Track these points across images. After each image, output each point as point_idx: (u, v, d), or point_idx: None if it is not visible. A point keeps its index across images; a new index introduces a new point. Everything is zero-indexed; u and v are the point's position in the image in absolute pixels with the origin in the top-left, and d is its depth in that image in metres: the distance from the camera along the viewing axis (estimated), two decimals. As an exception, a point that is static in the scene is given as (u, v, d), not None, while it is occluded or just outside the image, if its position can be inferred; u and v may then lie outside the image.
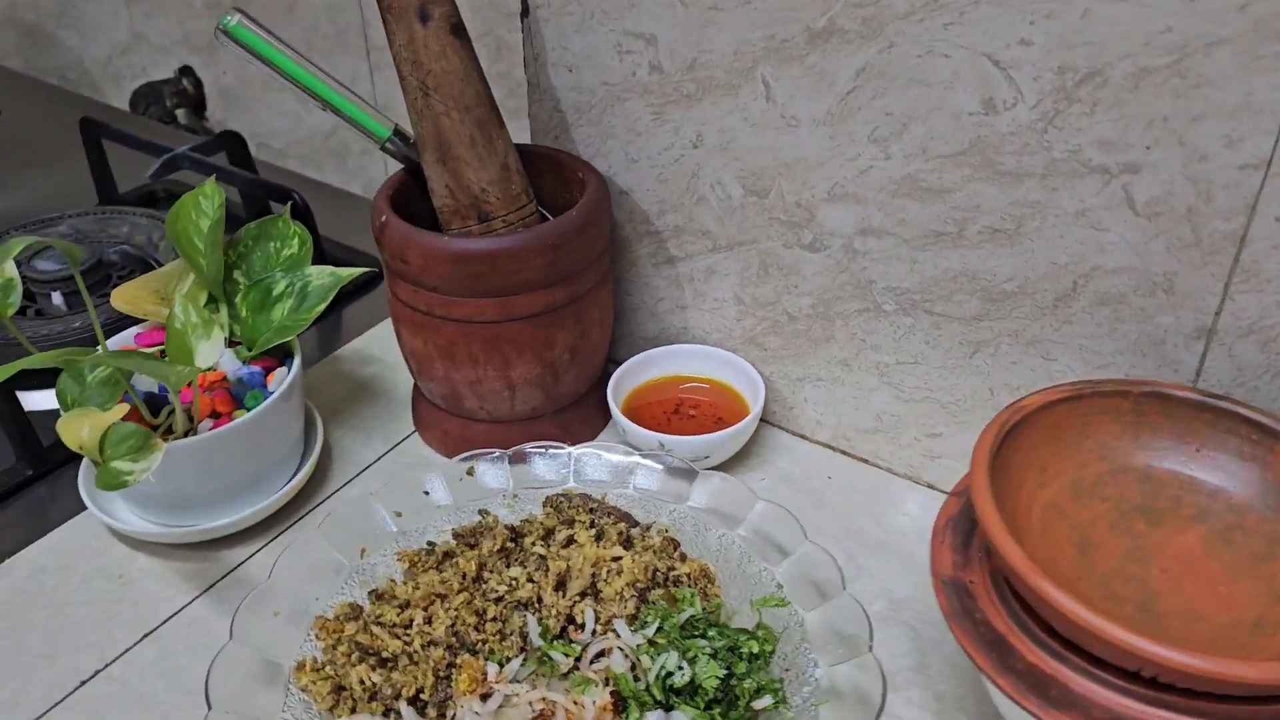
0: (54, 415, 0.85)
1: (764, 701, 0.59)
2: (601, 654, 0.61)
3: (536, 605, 0.62)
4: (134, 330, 0.77)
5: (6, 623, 0.69)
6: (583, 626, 0.62)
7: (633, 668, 0.60)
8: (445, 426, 0.79)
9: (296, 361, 0.73)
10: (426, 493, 0.70)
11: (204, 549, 0.73)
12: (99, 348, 0.70)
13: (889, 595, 0.68)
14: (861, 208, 0.69)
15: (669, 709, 0.59)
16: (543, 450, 0.72)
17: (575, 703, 0.58)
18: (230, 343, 0.74)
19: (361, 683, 0.59)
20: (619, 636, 0.61)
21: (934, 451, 0.74)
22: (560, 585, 0.63)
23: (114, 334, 0.86)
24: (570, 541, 0.66)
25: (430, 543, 0.68)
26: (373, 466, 0.79)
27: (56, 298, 0.92)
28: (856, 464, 0.78)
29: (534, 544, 0.65)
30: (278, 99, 1.26)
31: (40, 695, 0.64)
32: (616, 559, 0.64)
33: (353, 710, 0.59)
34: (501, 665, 0.60)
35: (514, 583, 0.63)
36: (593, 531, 0.66)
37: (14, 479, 0.80)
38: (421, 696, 0.59)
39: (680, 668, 0.59)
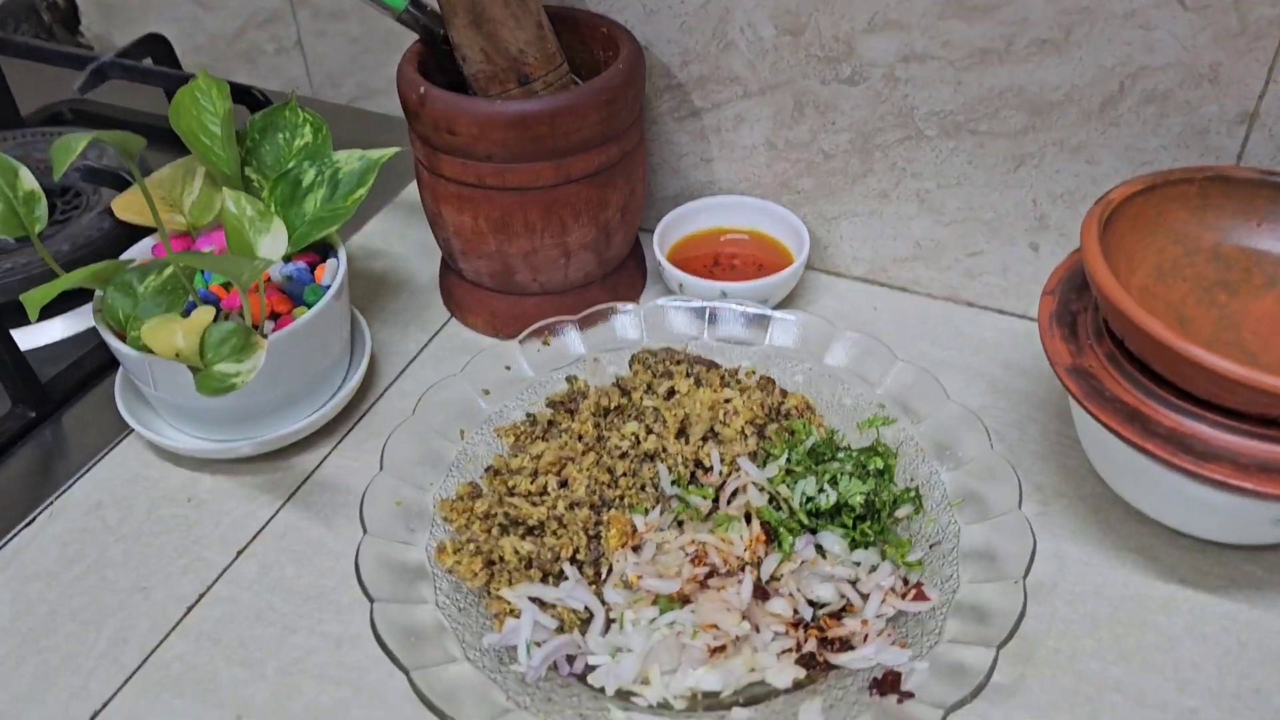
0: (45, 351, 0.79)
1: (904, 511, 0.61)
2: (736, 492, 0.62)
3: (663, 455, 0.63)
4: (150, 241, 0.71)
5: (82, 564, 0.64)
6: (710, 469, 0.63)
7: (770, 499, 0.61)
8: (492, 306, 0.76)
9: (342, 252, 0.70)
10: (508, 368, 0.69)
11: (269, 460, 0.70)
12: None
13: (965, 406, 0.72)
14: (904, 34, 0.70)
15: (813, 532, 0.61)
16: (616, 311, 0.71)
17: (724, 540, 0.60)
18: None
19: (516, 552, 0.58)
20: (747, 474, 0.62)
21: (973, 270, 0.78)
22: (681, 433, 0.64)
23: (113, 252, 0.80)
24: (672, 393, 0.66)
25: (529, 414, 0.67)
26: (419, 357, 0.77)
27: None
28: (896, 293, 0.81)
29: (641, 399, 0.65)
30: (169, 3, 1.16)
31: (148, 627, 0.61)
32: (728, 400, 0.65)
33: (509, 581, 0.58)
34: (645, 515, 0.60)
35: (635, 437, 0.63)
36: (690, 380, 0.67)
37: (18, 423, 0.73)
38: (578, 557, 0.59)
39: (822, 490, 0.61)
